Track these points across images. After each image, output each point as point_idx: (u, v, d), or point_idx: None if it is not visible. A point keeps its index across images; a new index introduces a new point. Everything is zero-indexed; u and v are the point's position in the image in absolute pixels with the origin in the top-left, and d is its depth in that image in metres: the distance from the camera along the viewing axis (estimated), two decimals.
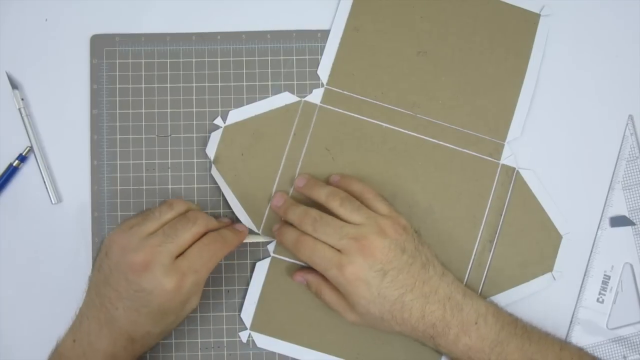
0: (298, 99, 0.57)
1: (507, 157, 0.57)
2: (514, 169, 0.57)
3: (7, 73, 0.57)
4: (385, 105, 0.57)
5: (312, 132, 0.56)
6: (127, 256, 0.46)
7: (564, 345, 0.50)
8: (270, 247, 0.56)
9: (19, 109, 0.56)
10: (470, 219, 0.56)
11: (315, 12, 0.58)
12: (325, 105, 0.57)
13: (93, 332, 0.47)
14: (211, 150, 0.56)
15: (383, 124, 0.57)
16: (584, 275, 0.57)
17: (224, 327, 0.56)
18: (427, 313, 0.49)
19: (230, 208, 0.56)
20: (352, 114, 0.57)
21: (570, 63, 0.58)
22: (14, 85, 0.57)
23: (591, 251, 0.57)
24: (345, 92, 0.57)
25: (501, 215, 0.56)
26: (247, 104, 0.57)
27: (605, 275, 0.57)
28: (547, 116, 0.58)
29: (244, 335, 0.55)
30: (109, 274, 0.47)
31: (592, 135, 0.58)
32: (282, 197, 0.54)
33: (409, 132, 0.57)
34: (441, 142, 0.57)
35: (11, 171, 0.56)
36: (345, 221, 0.50)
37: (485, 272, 0.56)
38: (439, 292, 0.49)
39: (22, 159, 0.56)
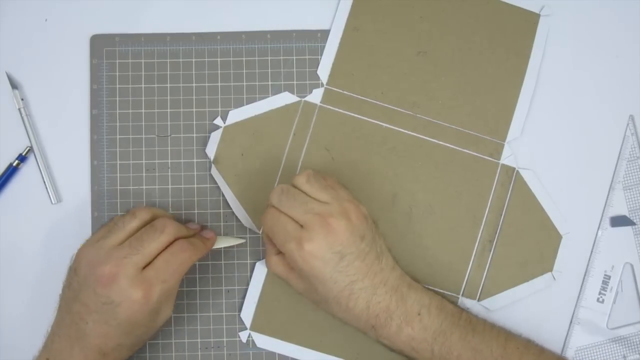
0: (298, 99, 0.57)
1: (507, 157, 0.57)
2: (514, 169, 0.57)
3: (7, 73, 0.57)
4: (385, 105, 0.57)
5: (312, 132, 0.56)
6: (95, 270, 0.46)
7: (509, 336, 0.50)
8: None
9: (19, 109, 0.56)
10: (470, 218, 0.56)
11: (315, 12, 0.58)
12: (325, 105, 0.57)
13: (65, 350, 0.47)
14: (211, 150, 0.56)
15: (383, 124, 0.57)
16: (584, 275, 0.57)
17: (224, 327, 0.56)
18: (373, 304, 0.48)
19: (230, 208, 0.56)
20: (352, 114, 0.57)
21: (571, 63, 0.58)
22: (14, 85, 0.57)
23: (591, 251, 0.57)
24: (345, 92, 0.57)
25: (501, 215, 0.56)
26: (247, 104, 0.57)
27: (605, 275, 0.57)
28: (547, 116, 0.58)
29: (243, 335, 0.55)
30: (78, 289, 0.47)
31: (592, 135, 0.58)
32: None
33: (409, 132, 0.57)
34: (441, 142, 0.57)
35: (11, 171, 0.56)
36: (312, 198, 0.49)
37: (485, 272, 0.56)
38: (387, 284, 0.49)
39: (21, 159, 0.56)
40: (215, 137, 0.56)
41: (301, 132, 0.56)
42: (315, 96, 0.57)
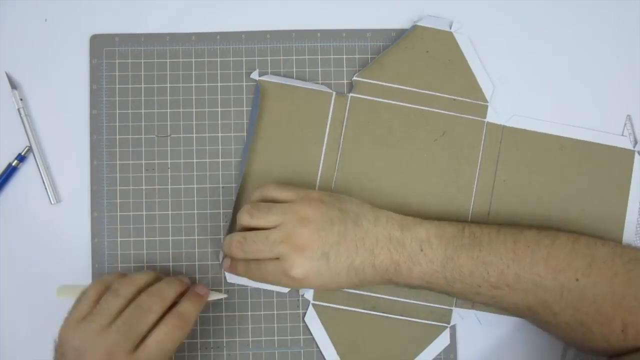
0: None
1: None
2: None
3: (6, 73, 0.57)
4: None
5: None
6: (84, 358, 0.45)
7: (517, 236, 0.50)
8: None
9: (18, 109, 0.56)
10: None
11: (315, 12, 0.58)
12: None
13: None
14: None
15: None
16: None
17: (224, 327, 0.56)
18: (378, 264, 0.49)
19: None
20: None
21: (570, 63, 0.59)
22: (14, 85, 0.57)
23: None
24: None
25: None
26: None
27: None
28: (546, 116, 0.58)
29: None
30: None
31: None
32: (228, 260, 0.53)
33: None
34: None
35: (10, 171, 0.56)
36: (266, 228, 0.49)
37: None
38: (379, 240, 0.49)
39: (21, 158, 0.56)
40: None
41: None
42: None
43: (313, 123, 0.57)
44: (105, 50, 0.57)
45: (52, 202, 0.56)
